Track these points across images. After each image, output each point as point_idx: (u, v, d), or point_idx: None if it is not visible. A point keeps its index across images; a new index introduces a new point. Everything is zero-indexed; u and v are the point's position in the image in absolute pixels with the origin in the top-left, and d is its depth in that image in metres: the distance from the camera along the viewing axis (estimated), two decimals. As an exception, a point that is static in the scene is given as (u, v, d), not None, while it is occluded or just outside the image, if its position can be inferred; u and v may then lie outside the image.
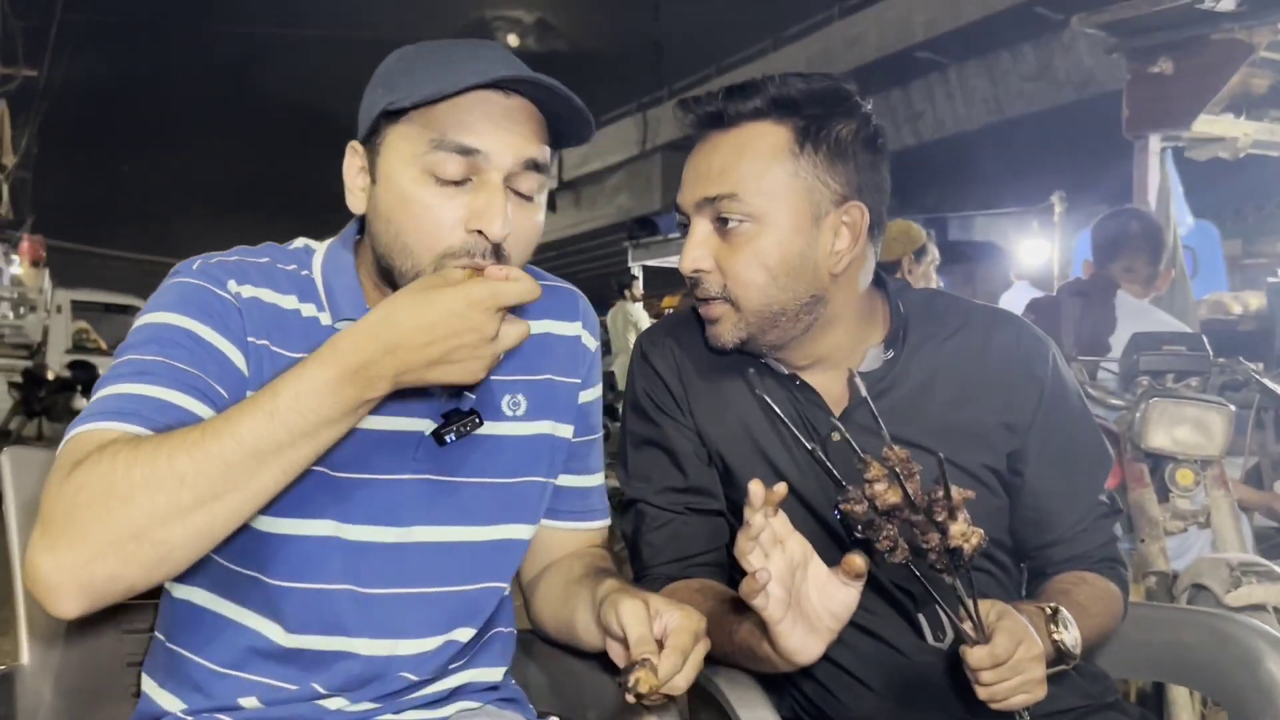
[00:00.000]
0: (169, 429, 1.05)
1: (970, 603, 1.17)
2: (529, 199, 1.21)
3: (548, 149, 1.22)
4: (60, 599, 1.00)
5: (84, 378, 11.69)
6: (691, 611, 1.14)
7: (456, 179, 1.16)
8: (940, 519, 1.10)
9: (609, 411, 3.63)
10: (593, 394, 1.42)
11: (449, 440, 1.23)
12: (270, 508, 1.10)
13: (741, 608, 1.19)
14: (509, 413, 1.32)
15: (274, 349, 1.19)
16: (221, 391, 1.13)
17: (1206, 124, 4.76)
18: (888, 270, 1.54)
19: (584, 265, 27.95)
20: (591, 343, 1.42)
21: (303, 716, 1.23)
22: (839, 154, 1.35)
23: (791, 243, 1.35)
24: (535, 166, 1.19)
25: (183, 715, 1.24)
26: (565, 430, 1.37)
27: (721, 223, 1.35)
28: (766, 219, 1.34)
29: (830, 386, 1.43)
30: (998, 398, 1.43)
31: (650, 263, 13.40)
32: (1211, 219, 8.77)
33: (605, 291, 10.84)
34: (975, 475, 1.42)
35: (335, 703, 1.24)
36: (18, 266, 16.52)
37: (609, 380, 8.31)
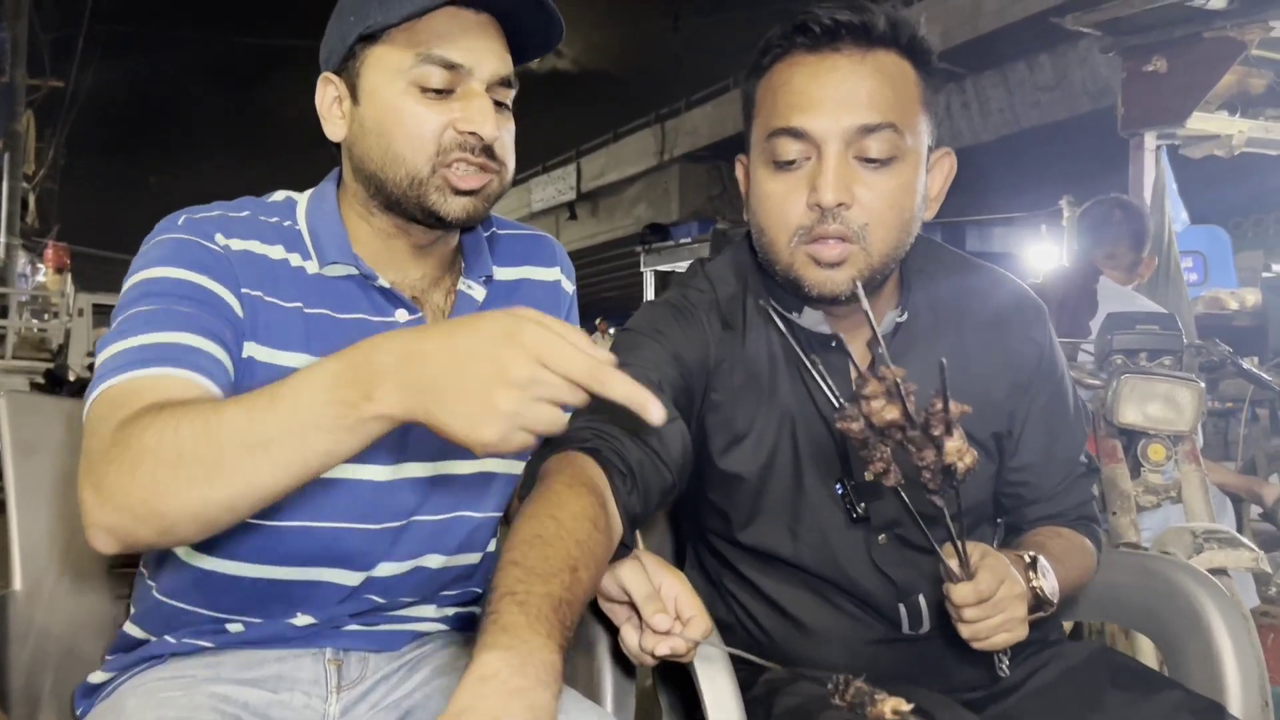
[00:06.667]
0: (199, 368, 1.09)
1: (959, 538, 1.17)
2: (507, 109, 1.29)
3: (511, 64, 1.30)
4: (94, 538, 1.02)
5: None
6: (678, 571, 1.19)
7: (441, 89, 1.23)
8: (937, 434, 1.07)
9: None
10: None
11: None
12: None
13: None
14: None
15: (267, 299, 1.23)
16: (231, 333, 1.18)
17: (1201, 121, 4.83)
18: None
19: (603, 276, 28.02)
20: (569, 286, 1.47)
21: (273, 633, 1.29)
22: (937, 99, 1.32)
23: (920, 185, 1.30)
24: (508, 82, 1.28)
25: (163, 640, 1.29)
26: None
27: (866, 157, 1.25)
28: (910, 156, 1.27)
29: (857, 350, 1.36)
30: (1001, 362, 1.41)
31: (662, 268, 13.41)
32: (1230, 228, 8.75)
33: (626, 302, 10.84)
34: (984, 446, 1.38)
35: (303, 620, 1.30)
36: (43, 274, 16.71)
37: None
